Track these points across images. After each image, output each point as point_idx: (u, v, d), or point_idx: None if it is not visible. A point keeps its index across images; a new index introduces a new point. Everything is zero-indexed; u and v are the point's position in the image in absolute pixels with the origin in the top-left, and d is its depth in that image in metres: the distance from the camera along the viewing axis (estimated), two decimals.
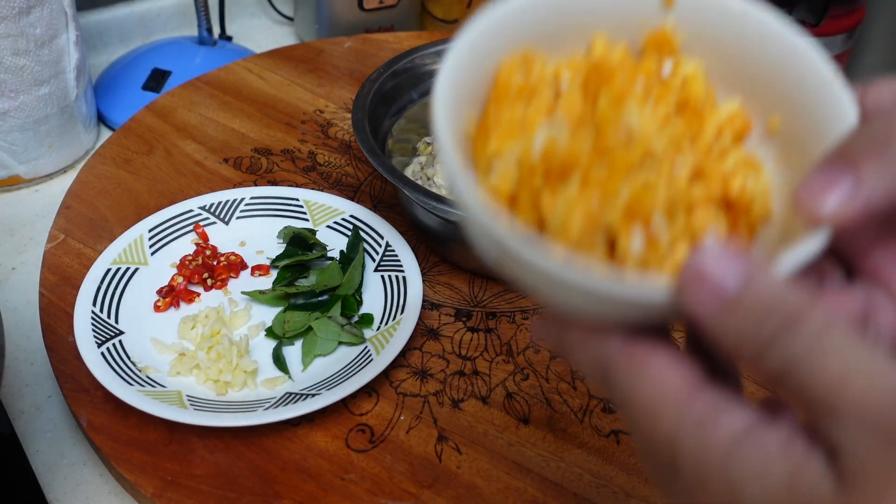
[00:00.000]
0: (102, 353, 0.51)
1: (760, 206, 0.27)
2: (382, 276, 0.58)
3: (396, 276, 0.58)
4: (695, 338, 0.25)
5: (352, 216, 0.62)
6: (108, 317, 0.54)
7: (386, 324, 0.55)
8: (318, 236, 0.61)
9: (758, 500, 0.21)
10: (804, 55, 0.27)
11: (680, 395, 0.23)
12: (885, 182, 0.22)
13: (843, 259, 0.27)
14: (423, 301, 0.56)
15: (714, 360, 0.25)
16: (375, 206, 0.66)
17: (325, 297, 0.57)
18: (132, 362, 0.51)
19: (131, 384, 0.49)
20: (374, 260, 0.60)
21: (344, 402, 0.52)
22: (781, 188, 0.28)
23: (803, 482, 0.21)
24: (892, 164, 0.22)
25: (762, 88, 0.29)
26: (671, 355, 0.23)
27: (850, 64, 0.93)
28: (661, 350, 0.23)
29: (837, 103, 0.26)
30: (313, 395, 0.50)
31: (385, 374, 0.53)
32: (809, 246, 0.23)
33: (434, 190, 0.61)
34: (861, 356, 0.20)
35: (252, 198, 0.63)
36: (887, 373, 0.20)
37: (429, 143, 0.69)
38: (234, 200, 0.63)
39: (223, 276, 0.59)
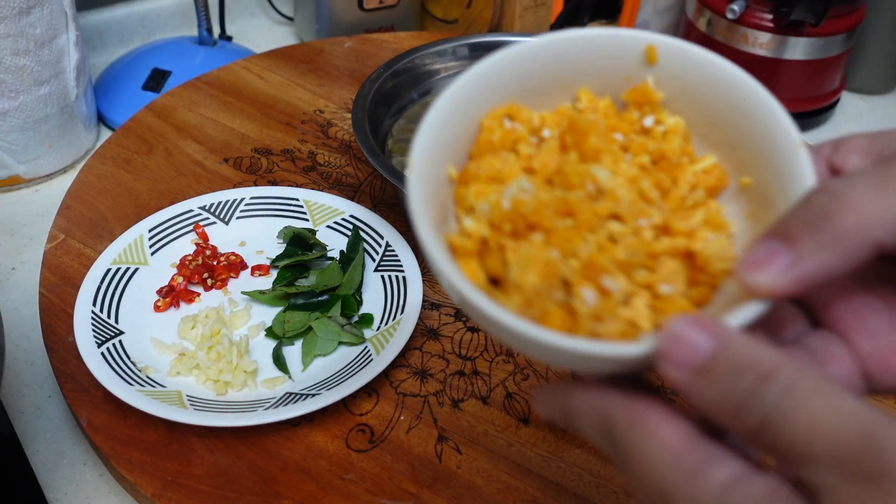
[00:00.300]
0: (102, 353, 0.51)
1: (720, 264, 0.28)
2: (382, 276, 0.58)
3: (396, 276, 0.58)
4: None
5: (352, 216, 0.62)
6: (108, 317, 0.54)
7: (386, 324, 0.55)
8: (318, 236, 0.61)
9: None
10: (775, 118, 0.29)
11: (674, 447, 0.24)
12: (821, 259, 0.24)
13: (808, 308, 0.29)
14: (424, 301, 0.56)
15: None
16: (375, 206, 0.66)
17: (325, 297, 0.57)
18: (132, 362, 0.51)
19: (131, 384, 0.49)
20: (374, 260, 0.60)
21: (344, 402, 0.52)
22: (749, 243, 0.30)
23: None
24: (828, 243, 0.24)
25: (738, 146, 0.30)
26: (667, 412, 0.25)
27: (849, 64, 0.93)
28: (657, 407, 0.25)
29: (800, 168, 0.28)
30: (313, 395, 0.50)
31: (385, 374, 0.53)
32: (749, 312, 0.25)
33: None
34: (829, 402, 0.22)
35: (252, 198, 0.63)
36: (853, 413, 0.21)
37: None
38: (234, 200, 0.63)
39: (223, 276, 0.59)
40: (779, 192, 0.28)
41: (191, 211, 0.61)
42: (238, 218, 0.62)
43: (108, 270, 0.56)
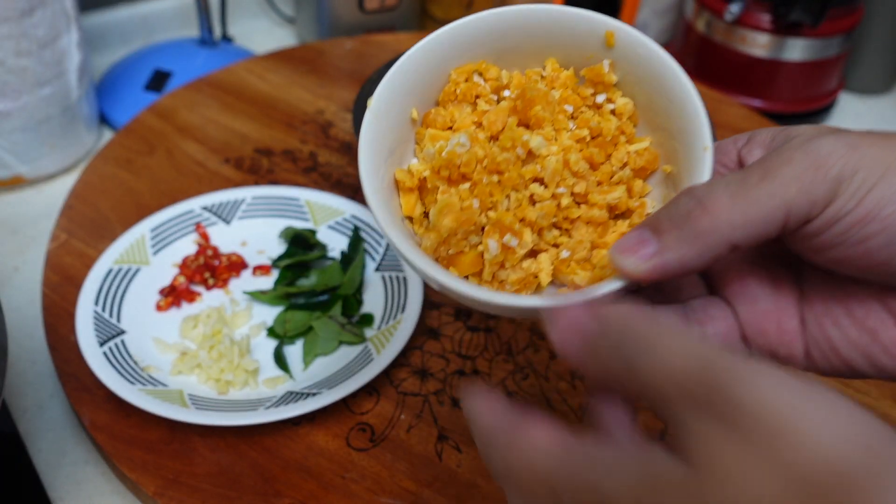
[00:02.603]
0: (104, 353, 0.51)
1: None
2: (383, 276, 0.59)
3: (397, 276, 0.58)
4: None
5: (352, 216, 0.62)
6: (111, 316, 0.54)
7: (386, 323, 0.55)
8: (319, 236, 0.61)
9: (613, 487, 0.23)
10: (697, 119, 0.32)
11: (490, 421, 0.27)
12: (680, 254, 0.28)
13: (707, 277, 0.33)
14: (424, 300, 0.57)
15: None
16: None
17: (325, 296, 0.57)
18: (134, 361, 0.52)
19: (133, 383, 0.49)
20: (374, 260, 0.60)
21: (344, 402, 0.52)
22: None
23: (651, 466, 0.23)
24: (686, 241, 0.27)
25: (671, 136, 0.33)
26: (484, 393, 0.28)
27: (848, 65, 0.93)
28: (479, 393, 0.28)
29: (702, 169, 0.31)
30: (314, 395, 0.50)
31: (385, 374, 0.53)
32: (611, 287, 0.29)
33: None
34: (678, 343, 0.24)
35: (253, 198, 0.63)
36: (695, 350, 0.23)
37: None
38: (236, 200, 0.63)
39: (224, 276, 0.59)
40: (685, 184, 0.31)
41: (192, 211, 0.62)
42: (239, 218, 0.63)
43: (110, 270, 0.57)
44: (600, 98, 0.35)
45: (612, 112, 0.35)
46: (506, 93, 0.35)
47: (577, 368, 0.27)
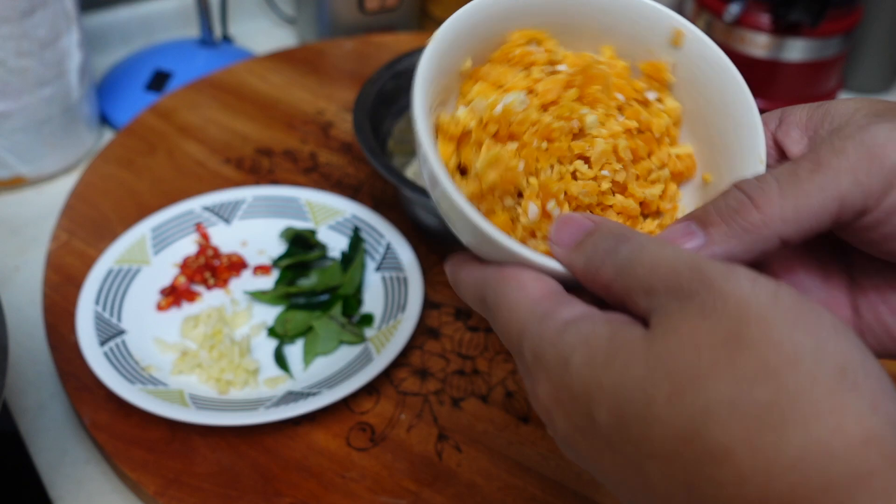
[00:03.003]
0: (105, 352, 0.51)
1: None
2: (383, 276, 0.59)
3: (397, 276, 0.58)
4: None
5: (353, 216, 0.62)
6: (111, 316, 0.54)
7: (386, 323, 0.55)
8: (319, 236, 0.62)
9: (581, 356, 0.25)
10: (754, 141, 0.31)
11: (535, 296, 0.28)
12: (728, 247, 0.28)
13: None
14: (424, 301, 0.57)
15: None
16: (376, 207, 0.66)
17: (325, 296, 0.57)
18: (135, 361, 0.52)
19: (134, 383, 0.50)
20: (374, 260, 0.60)
21: (345, 401, 0.52)
22: None
23: (619, 336, 0.25)
24: (735, 235, 0.28)
25: (715, 149, 0.33)
26: (536, 273, 0.28)
27: (847, 64, 0.93)
28: (528, 270, 0.28)
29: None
30: (314, 394, 0.50)
31: (386, 374, 0.54)
32: None
33: None
34: (671, 251, 0.26)
35: (254, 198, 0.63)
36: (688, 256, 0.25)
37: None
38: (236, 201, 0.63)
39: (225, 276, 0.59)
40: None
41: (193, 211, 0.62)
42: (240, 218, 0.63)
43: (111, 270, 0.57)
44: (651, 95, 0.34)
45: (661, 111, 0.34)
46: (561, 67, 0.34)
47: (567, 265, 0.28)
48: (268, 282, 0.60)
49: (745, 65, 0.85)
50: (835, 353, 0.22)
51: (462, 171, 0.33)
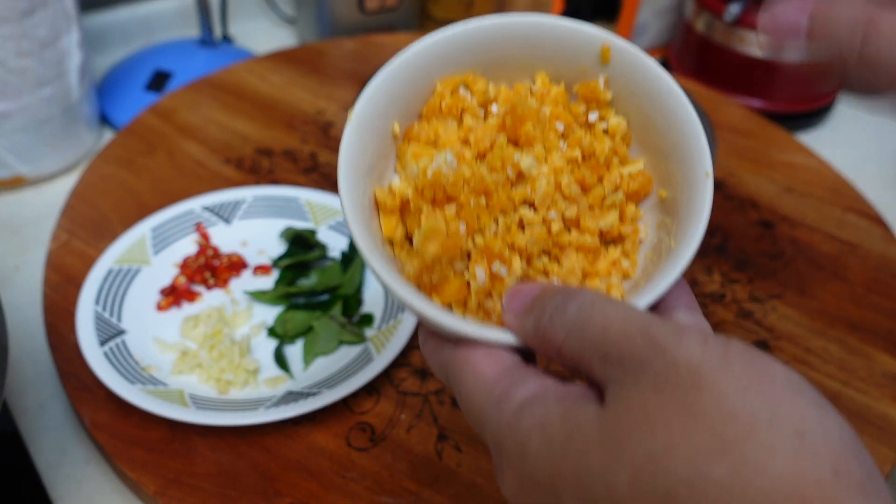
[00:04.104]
0: (105, 352, 0.51)
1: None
2: None
3: None
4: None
5: None
6: (111, 316, 0.54)
7: (386, 323, 0.55)
8: (320, 236, 0.62)
9: (538, 443, 0.25)
10: (697, 143, 0.31)
11: (489, 378, 0.27)
12: None
13: None
14: None
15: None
16: None
17: (326, 296, 0.58)
18: (135, 361, 0.52)
19: (134, 383, 0.50)
20: None
21: (345, 401, 0.52)
22: (654, 247, 0.32)
23: (573, 417, 0.25)
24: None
25: (666, 159, 0.32)
26: (489, 349, 0.28)
27: None
28: (481, 347, 0.28)
29: (703, 196, 0.30)
30: (314, 394, 0.50)
31: (386, 373, 0.54)
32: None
33: None
34: (620, 310, 0.25)
35: (254, 198, 0.63)
36: (638, 317, 0.25)
37: None
38: (236, 201, 0.63)
39: (225, 276, 0.59)
40: (684, 211, 0.31)
41: (193, 211, 0.62)
42: (240, 218, 0.63)
43: (111, 270, 0.57)
44: (593, 116, 0.34)
45: (605, 131, 0.33)
46: (493, 107, 0.34)
47: (518, 331, 0.28)
48: (268, 282, 0.60)
49: (746, 65, 0.85)
50: (790, 418, 0.22)
51: (411, 240, 0.32)
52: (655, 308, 0.29)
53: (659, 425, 0.22)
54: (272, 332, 0.56)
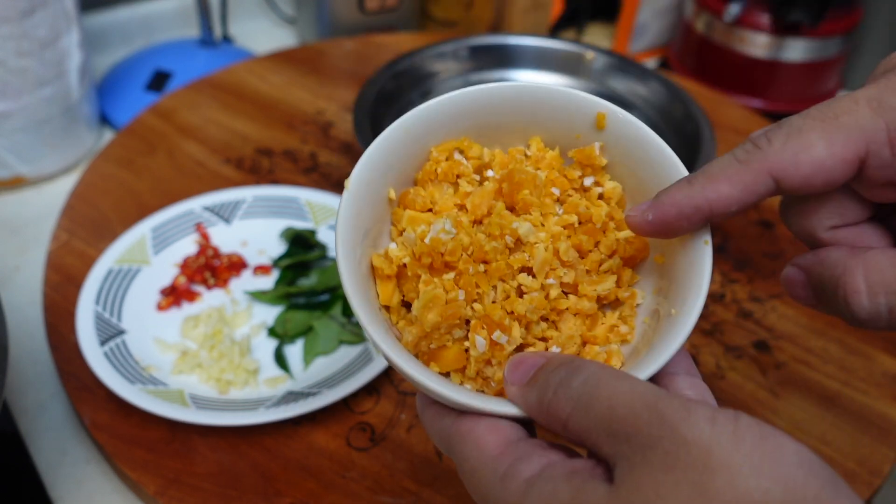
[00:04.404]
0: (105, 352, 0.51)
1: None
2: None
3: None
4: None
5: None
6: (111, 316, 0.54)
7: None
8: (319, 236, 0.62)
9: None
10: None
11: (493, 453, 0.27)
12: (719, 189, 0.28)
13: None
14: None
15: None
16: None
17: (326, 296, 0.58)
18: (135, 361, 0.52)
19: (134, 383, 0.50)
20: None
21: (345, 401, 0.52)
22: (651, 312, 0.32)
23: (583, 494, 0.24)
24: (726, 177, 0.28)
25: None
26: (492, 422, 0.28)
27: (847, 64, 0.93)
28: (485, 419, 0.28)
29: (702, 265, 0.30)
30: (314, 394, 0.50)
31: (386, 373, 0.54)
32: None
33: None
34: (625, 385, 0.25)
35: (254, 198, 0.63)
36: (644, 393, 0.24)
37: None
38: (236, 201, 0.63)
39: (225, 276, 0.59)
40: (682, 278, 0.31)
41: (193, 211, 0.62)
42: (240, 218, 0.63)
43: (111, 270, 0.57)
44: (588, 181, 0.34)
45: (600, 196, 0.34)
46: (489, 173, 0.34)
47: (522, 404, 0.28)
48: (268, 282, 0.60)
49: (745, 65, 0.85)
50: (805, 499, 0.22)
51: (407, 305, 0.32)
52: (656, 375, 0.29)
53: (660, 497, 0.22)
54: (272, 332, 0.56)
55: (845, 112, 0.27)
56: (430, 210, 0.33)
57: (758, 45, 0.83)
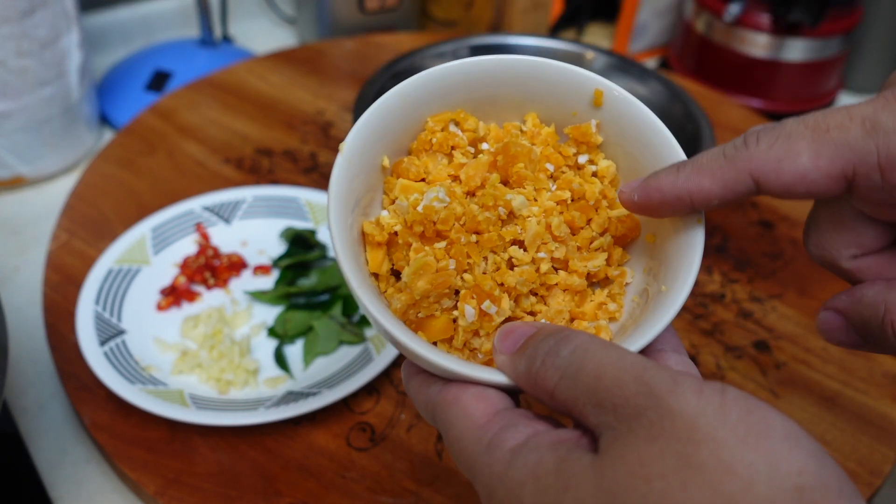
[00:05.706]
0: (105, 352, 0.51)
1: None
2: None
3: None
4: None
5: None
6: (111, 316, 0.54)
7: None
8: (319, 236, 0.62)
9: (532, 494, 0.24)
10: None
11: (479, 421, 0.27)
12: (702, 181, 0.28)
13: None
14: None
15: None
16: None
17: (326, 296, 0.58)
18: (135, 361, 0.52)
19: (134, 383, 0.50)
20: None
21: (345, 401, 0.52)
22: (641, 291, 0.32)
23: (567, 467, 0.24)
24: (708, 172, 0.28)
25: None
26: (479, 390, 0.28)
27: (847, 64, 0.93)
28: (471, 387, 0.28)
29: (693, 246, 0.30)
30: (314, 394, 0.50)
31: (386, 373, 0.54)
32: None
33: None
34: (613, 355, 0.25)
35: (254, 198, 0.63)
36: (631, 363, 0.24)
37: None
38: (236, 201, 0.63)
39: (225, 276, 0.59)
40: (674, 256, 0.31)
41: (193, 211, 0.62)
42: (240, 218, 0.63)
43: (111, 270, 0.57)
44: (582, 159, 0.33)
45: (594, 174, 0.33)
46: (484, 146, 0.33)
47: (510, 372, 0.28)
48: (268, 282, 0.60)
49: (745, 65, 0.85)
50: (790, 472, 0.22)
51: (397, 274, 0.32)
52: (644, 351, 0.29)
53: (655, 477, 0.22)
54: (272, 332, 0.56)
55: (837, 127, 0.26)
56: (424, 180, 0.33)
57: (758, 45, 0.83)
